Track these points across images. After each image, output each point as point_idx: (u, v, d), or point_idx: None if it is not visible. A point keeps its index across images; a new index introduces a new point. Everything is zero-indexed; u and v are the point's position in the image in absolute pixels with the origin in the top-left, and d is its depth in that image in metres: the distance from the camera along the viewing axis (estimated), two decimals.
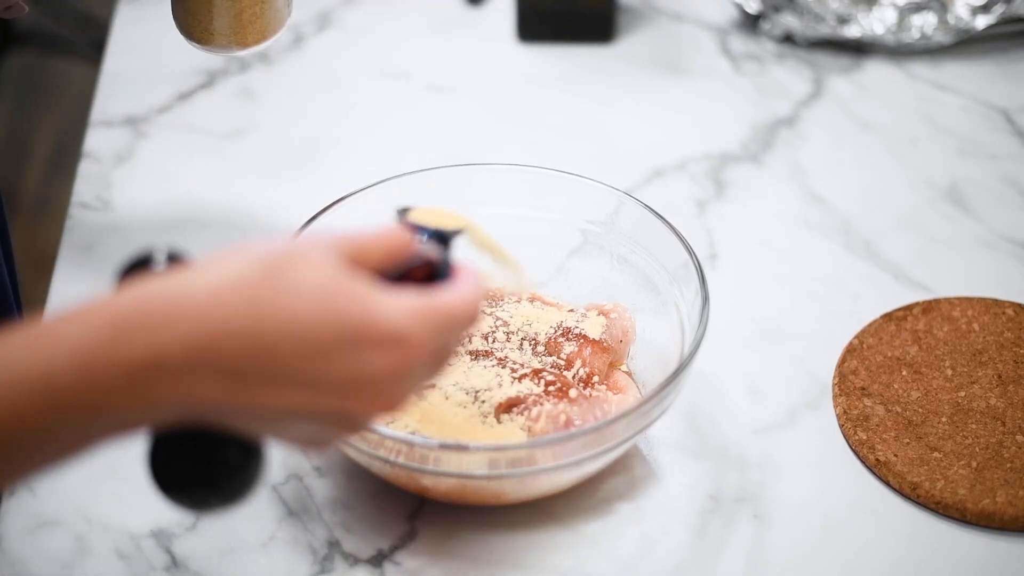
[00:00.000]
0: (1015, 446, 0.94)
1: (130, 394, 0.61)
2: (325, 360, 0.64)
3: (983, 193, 1.20)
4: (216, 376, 0.62)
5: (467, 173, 1.03)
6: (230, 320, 0.62)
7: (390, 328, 0.65)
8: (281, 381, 0.63)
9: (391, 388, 0.66)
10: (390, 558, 0.89)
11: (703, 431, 0.97)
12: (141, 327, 0.61)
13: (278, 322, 0.63)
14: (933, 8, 1.35)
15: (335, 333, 0.64)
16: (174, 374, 0.61)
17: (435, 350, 0.67)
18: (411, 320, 0.66)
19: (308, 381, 0.64)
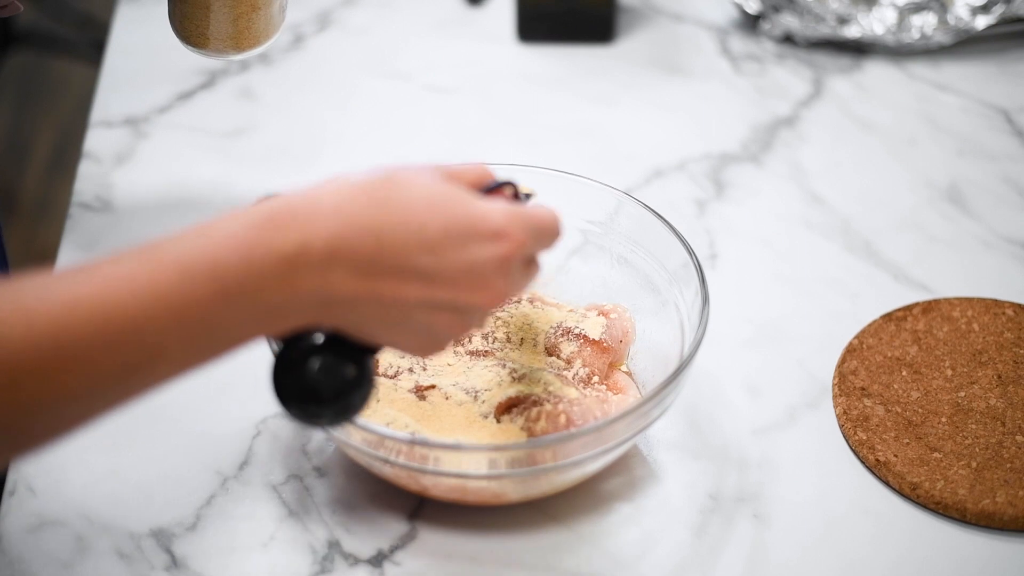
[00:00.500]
0: (1015, 446, 0.94)
1: (281, 284, 0.70)
2: (439, 255, 0.74)
3: (983, 193, 1.20)
4: (349, 270, 0.72)
5: None
6: (360, 222, 0.72)
7: (491, 223, 0.75)
8: (402, 274, 0.73)
9: (495, 279, 0.76)
10: (390, 558, 0.89)
11: (703, 431, 0.97)
12: (290, 222, 0.71)
13: (398, 222, 0.73)
14: (933, 8, 1.35)
15: (445, 229, 0.74)
16: (316, 266, 0.71)
17: (529, 251, 0.78)
18: (509, 219, 0.76)
19: (425, 273, 0.74)
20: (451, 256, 0.74)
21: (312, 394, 0.75)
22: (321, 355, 0.75)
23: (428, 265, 0.74)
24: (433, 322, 0.76)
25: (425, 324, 0.76)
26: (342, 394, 0.76)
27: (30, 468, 0.93)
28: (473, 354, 0.96)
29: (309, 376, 0.75)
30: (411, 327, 0.76)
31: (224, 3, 0.98)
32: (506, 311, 0.99)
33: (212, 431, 0.96)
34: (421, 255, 0.73)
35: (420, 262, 0.73)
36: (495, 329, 0.97)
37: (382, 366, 0.95)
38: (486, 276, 0.75)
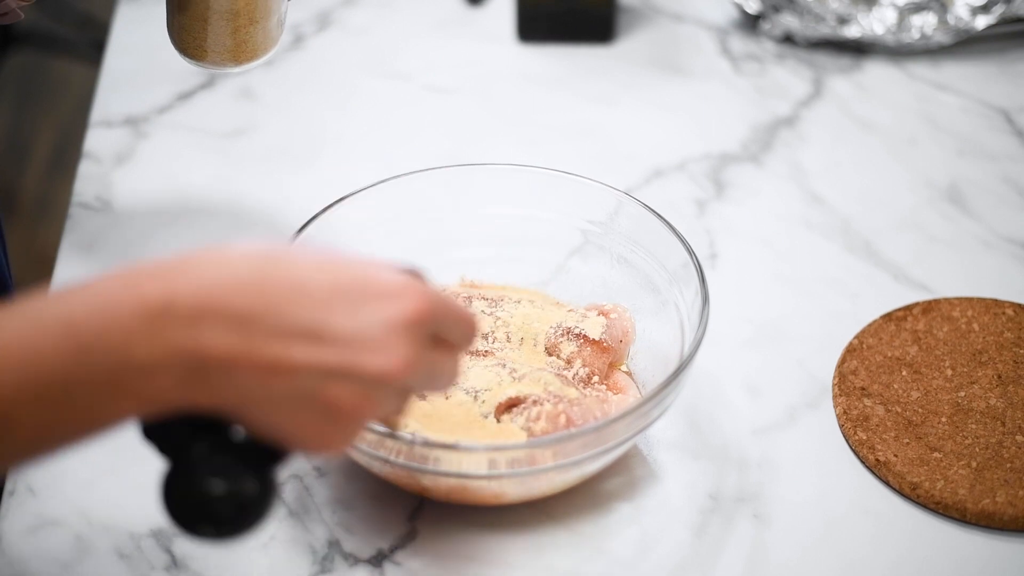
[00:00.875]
0: (1015, 446, 0.94)
1: (145, 337, 0.63)
2: (328, 311, 0.66)
3: (983, 193, 1.20)
4: (224, 324, 0.64)
5: (467, 173, 1.03)
6: (238, 274, 0.65)
7: (387, 284, 0.68)
8: (286, 331, 0.65)
9: (395, 341, 0.67)
10: (390, 558, 0.89)
11: (703, 431, 0.97)
12: (155, 274, 0.65)
13: (283, 277, 0.66)
14: (933, 8, 1.35)
15: (336, 287, 0.67)
16: (184, 318, 0.64)
17: (435, 326, 0.70)
18: (408, 284, 0.69)
19: (312, 331, 0.66)
20: (341, 313, 0.66)
21: (206, 510, 0.67)
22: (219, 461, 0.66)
23: (316, 322, 0.65)
24: (329, 395, 0.66)
25: (319, 399, 0.66)
26: (241, 510, 0.67)
27: (30, 468, 0.93)
28: (473, 354, 0.96)
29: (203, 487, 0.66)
30: (303, 403, 0.66)
31: (222, 16, 0.98)
32: (506, 311, 0.99)
33: None
34: (307, 310, 0.65)
35: (307, 318, 0.65)
36: (495, 329, 0.97)
37: None
38: (384, 337, 0.67)
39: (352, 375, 0.67)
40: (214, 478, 0.66)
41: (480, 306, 0.99)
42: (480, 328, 0.73)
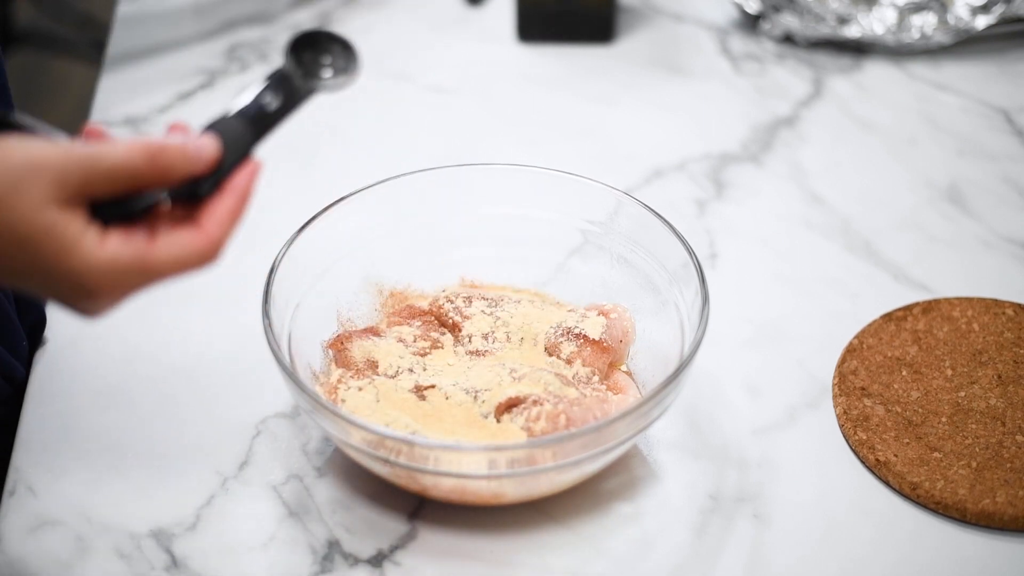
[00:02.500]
0: (1015, 446, 0.94)
1: None
2: (23, 279, 0.71)
3: (983, 193, 1.20)
4: None
5: (467, 173, 1.03)
6: None
7: (80, 280, 0.70)
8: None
9: (91, 312, 0.73)
10: (390, 558, 0.89)
11: (703, 431, 0.97)
12: None
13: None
14: (933, 8, 1.35)
15: (32, 270, 0.70)
16: None
17: (134, 288, 0.73)
18: (104, 274, 0.71)
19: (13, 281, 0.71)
20: (33, 284, 0.72)
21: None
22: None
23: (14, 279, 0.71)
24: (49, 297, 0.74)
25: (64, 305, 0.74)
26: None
27: (30, 468, 0.93)
28: (473, 354, 0.96)
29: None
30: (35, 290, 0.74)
31: None
32: (506, 311, 0.99)
33: (212, 431, 0.96)
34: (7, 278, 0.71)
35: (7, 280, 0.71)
36: (495, 329, 0.97)
37: (382, 366, 0.95)
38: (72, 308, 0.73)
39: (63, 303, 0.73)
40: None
41: (480, 306, 0.99)
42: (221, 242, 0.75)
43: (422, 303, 1.02)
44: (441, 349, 0.97)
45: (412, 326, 0.98)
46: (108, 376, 0.99)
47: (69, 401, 0.98)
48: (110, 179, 0.71)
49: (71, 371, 1.00)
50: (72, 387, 0.99)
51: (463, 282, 1.04)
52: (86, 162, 0.70)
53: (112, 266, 0.71)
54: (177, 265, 0.73)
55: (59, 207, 0.69)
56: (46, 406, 0.97)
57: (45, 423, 0.96)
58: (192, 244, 0.73)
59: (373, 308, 1.01)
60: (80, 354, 1.01)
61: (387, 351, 0.95)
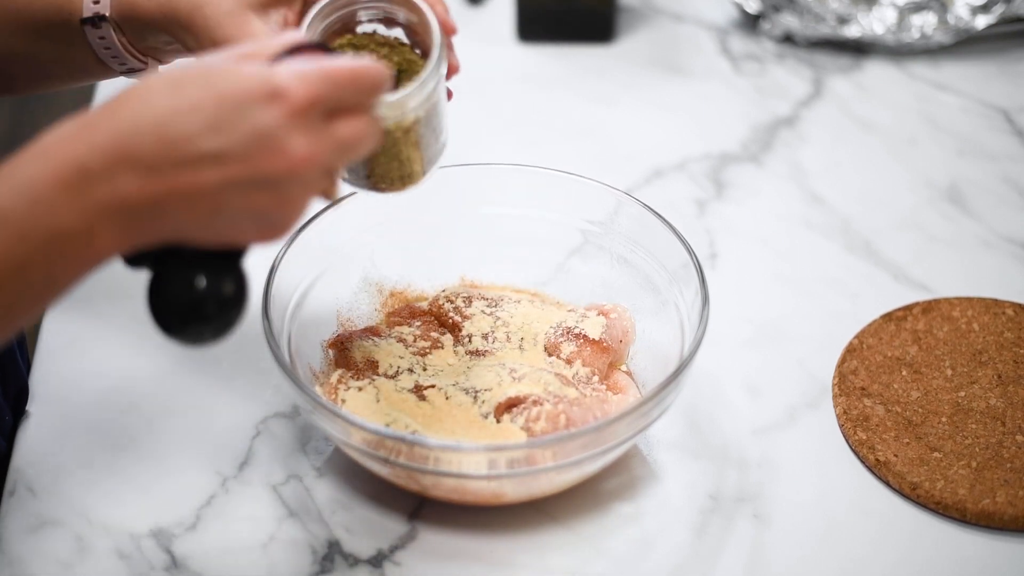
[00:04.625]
0: (1015, 446, 0.94)
1: (70, 206, 0.68)
2: (219, 131, 0.69)
3: (983, 193, 1.20)
4: (135, 171, 0.68)
5: (467, 173, 1.03)
6: (135, 120, 0.69)
7: (266, 82, 0.70)
8: (190, 162, 0.69)
9: (287, 140, 0.70)
10: (390, 558, 0.89)
11: (703, 431, 0.97)
12: (59, 146, 0.68)
13: (174, 113, 0.69)
14: (933, 8, 1.35)
15: (218, 102, 0.69)
16: (98, 176, 0.68)
17: (324, 102, 0.71)
18: (288, 76, 0.71)
19: (212, 154, 0.69)
20: (232, 129, 0.69)
21: (192, 312, 0.72)
22: (191, 270, 0.72)
23: (214, 146, 0.69)
24: (251, 204, 0.71)
25: (244, 209, 0.71)
26: (222, 305, 0.73)
27: (30, 468, 0.93)
28: (473, 354, 0.96)
29: (185, 294, 0.72)
30: (232, 216, 0.71)
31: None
32: (506, 311, 0.99)
33: (212, 431, 0.96)
34: (203, 137, 0.69)
35: (205, 145, 0.69)
36: (495, 329, 0.97)
37: (382, 366, 0.95)
38: (276, 139, 0.70)
39: (262, 181, 0.70)
40: (196, 277, 0.72)
41: (480, 306, 0.99)
42: (381, 72, 0.74)
43: (422, 303, 1.02)
44: (441, 349, 0.97)
45: (412, 326, 0.98)
46: (108, 376, 0.99)
47: (69, 401, 0.98)
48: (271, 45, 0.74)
49: (71, 371, 1.00)
50: (72, 387, 0.99)
51: (463, 282, 1.04)
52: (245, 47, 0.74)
53: (287, 69, 0.71)
54: (356, 68, 0.73)
55: (233, 59, 0.73)
56: (46, 406, 0.97)
57: (45, 423, 0.96)
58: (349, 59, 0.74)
59: (373, 308, 1.01)
60: (80, 354, 1.01)
61: (387, 351, 0.95)
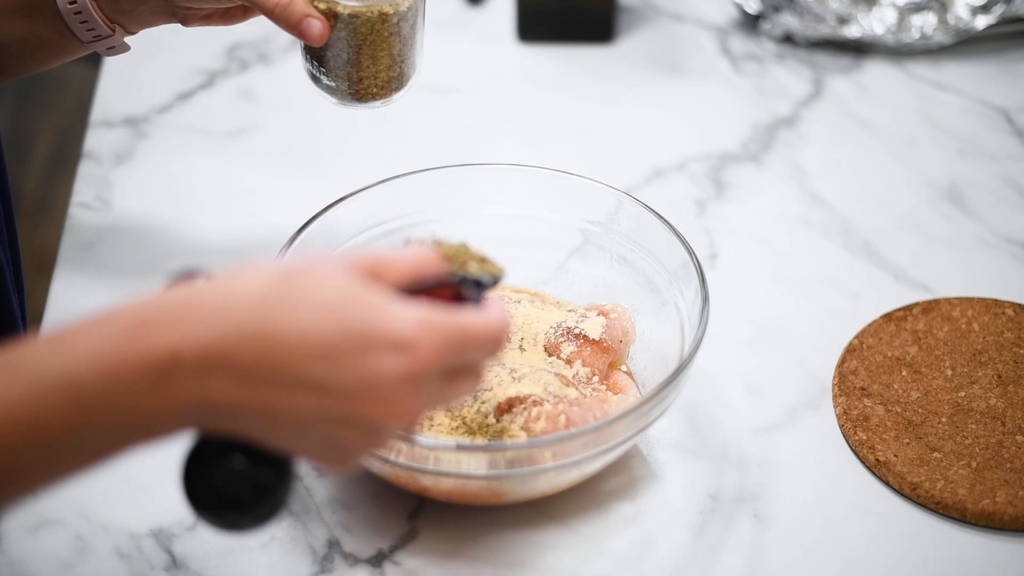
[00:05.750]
0: (1015, 446, 0.94)
1: (151, 393, 0.63)
2: (333, 364, 0.65)
3: (983, 193, 1.20)
4: (230, 377, 0.64)
5: (467, 173, 1.03)
6: (243, 324, 0.64)
7: (397, 333, 0.66)
8: (291, 383, 0.65)
9: (400, 395, 0.66)
10: (390, 558, 0.89)
11: (703, 431, 0.97)
12: (159, 327, 0.64)
13: (288, 327, 0.64)
14: (933, 8, 1.35)
15: (342, 337, 0.65)
16: (191, 372, 0.63)
17: (447, 364, 0.68)
18: (420, 328, 0.66)
19: (317, 384, 0.65)
20: (346, 367, 0.65)
21: (229, 500, 0.67)
22: (235, 456, 0.67)
23: (320, 375, 0.65)
24: (335, 437, 0.67)
25: (327, 439, 0.67)
26: (263, 497, 0.68)
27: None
28: None
29: (224, 481, 0.67)
30: (311, 441, 0.67)
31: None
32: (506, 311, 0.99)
33: None
34: (312, 363, 0.65)
35: (311, 371, 0.65)
36: None
37: None
38: (388, 391, 0.66)
39: (358, 423, 0.67)
40: (234, 464, 0.67)
41: None
42: (508, 330, 0.71)
43: None
44: None
45: None
46: None
47: None
48: (399, 262, 0.70)
49: None
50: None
51: None
52: (372, 251, 0.70)
53: (421, 319, 0.67)
54: (488, 330, 0.69)
55: (360, 279, 0.67)
56: None
57: None
58: (492, 312, 0.70)
59: None
60: None
61: None
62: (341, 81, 0.94)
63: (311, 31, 0.92)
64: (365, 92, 0.95)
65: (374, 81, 0.94)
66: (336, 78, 0.94)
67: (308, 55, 0.95)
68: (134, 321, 0.64)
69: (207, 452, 0.67)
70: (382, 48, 0.92)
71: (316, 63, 0.95)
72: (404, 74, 0.95)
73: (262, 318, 0.64)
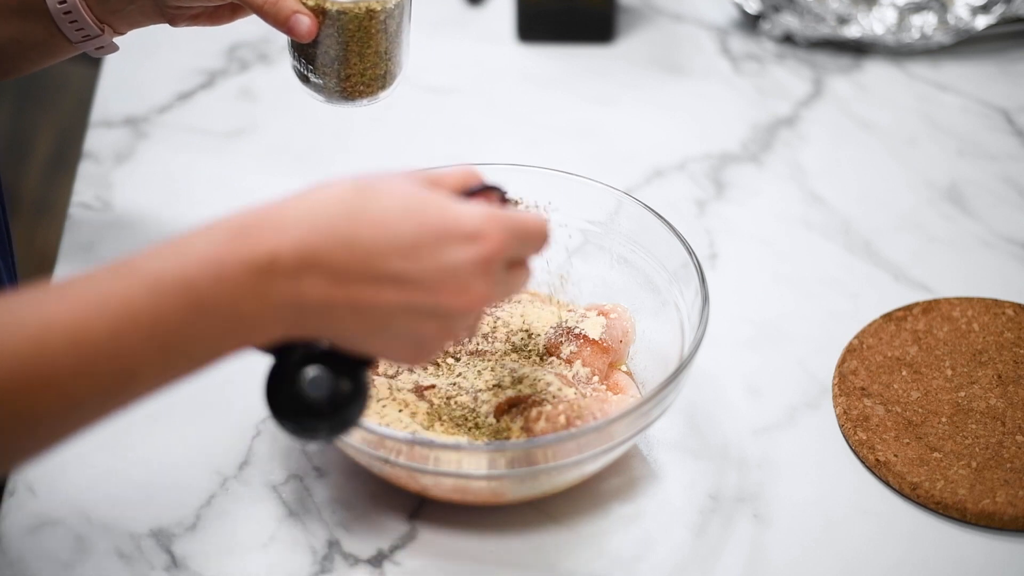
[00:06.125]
0: (1015, 446, 0.94)
1: (254, 294, 0.70)
2: (414, 258, 0.72)
3: (983, 193, 1.20)
4: (322, 276, 0.71)
5: None
6: (332, 226, 0.71)
7: (467, 224, 0.74)
8: (376, 279, 0.72)
9: (474, 281, 0.74)
10: (390, 558, 0.89)
11: (703, 431, 0.97)
12: (258, 232, 0.70)
13: (371, 229, 0.72)
14: (933, 8, 1.35)
15: (419, 232, 0.73)
16: (288, 273, 0.70)
17: (512, 253, 0.76)
18: (487, 220, 0.74)
19: (400, 278, 0.72)
20: (426, 259, 0.73)
21: (308, 408, 0.75)
22: (316, 367, 0.74)
23: (403, 270, 0.72)
24: (416, 329, 0.74)
25: (408, 331, 0.74)
26: (339, 407, 0.75)
27: (30, 468, 0.92)
28: (473, 354, 0.96)
29: (304, 389, 0.74)
30: (394, 334, 0.74)
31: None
32: (506, 311, 0.99)
33: (212, 431, 0.96)
34: (395, 260, 0.72)
35: (395, 267, 0.72)
36: (495, 329, 0.97)
37: (382, 366, 0.95)
38: (464, 279, 0.74)
39: (437, 313, 0.74)
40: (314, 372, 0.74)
41: None
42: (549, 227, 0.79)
43: None
44: None
45: None
46: None
47: None
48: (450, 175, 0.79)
49: None
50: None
51: None
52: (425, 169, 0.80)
53: (487, 212, 0.75)
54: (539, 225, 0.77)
55: (425, 186, 0.76)
56: None
57: None
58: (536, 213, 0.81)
59: None
60: None
61: None
62: (329, 79, 0.96)
63: (300, 27, 0.94)
64: (352, 90, 0.97)
65: (361, 79, 0.96)
66: (324, 75, 0.96)
67: (296, 53, 0.97)
68: (237, 227, 0.70)
69: (291, 362, 0.74)
70: (369, 45, 0.94)
71: (304, 61, 0.96)
72: (390, 72, 0.97)
73: (347, 223, 0.71)
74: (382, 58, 0.96)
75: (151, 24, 0.99)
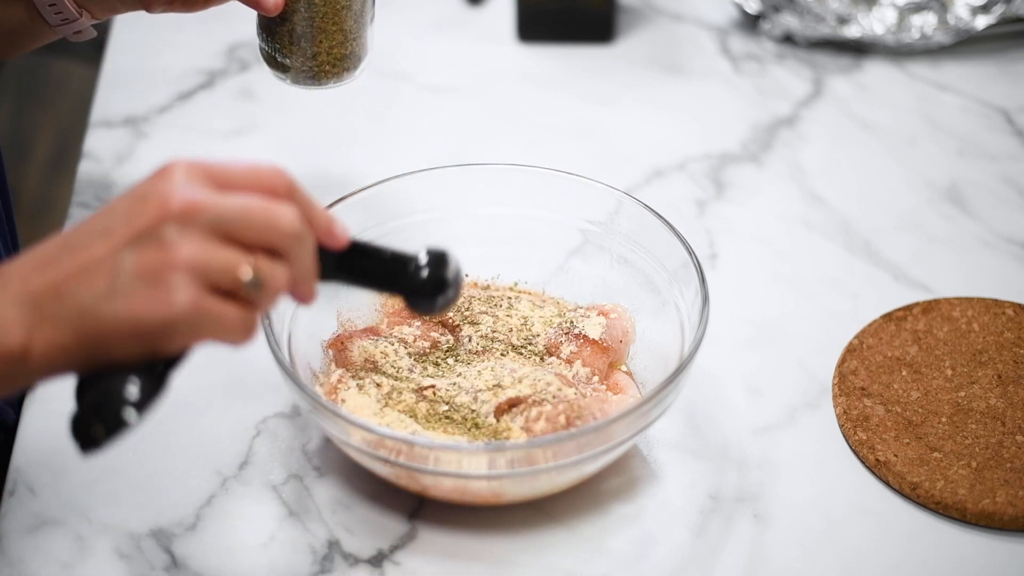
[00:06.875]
0: (1015, 446, 0.94)
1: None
2: (108, 210, 0.74)
3: (983, 193, 1.20)
4: (38, 269, 0.73)
5: (467, 173, 1.03)
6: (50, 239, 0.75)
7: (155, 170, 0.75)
8: (81, 245, 0.73)
9: (158, 186, 0.74)
10: (390, 558, 0.89)
11: (703, 431, 0.97)
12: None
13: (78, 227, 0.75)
14: (933, 8, 1.35)
15: (114, 201, 0.75)
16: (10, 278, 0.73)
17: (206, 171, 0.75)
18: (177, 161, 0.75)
19: (99, 231, 0.73)
20: (118, 204, 0.74)
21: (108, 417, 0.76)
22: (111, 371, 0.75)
23: (102, 224, 0.74)
24: (141, 263, 0.72)
25: (135, 270, 0.73)
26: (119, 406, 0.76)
27: (30, 468, 0.93)
28: (473, 354, 0.96)
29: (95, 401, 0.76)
30: (127, 283, 0.73)
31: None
32: (506, 311, 0.99)
33: (212, 431, 0.96)
34: (95, 221, 0.74)
35: (95, 226, 0.74)
36: (495, 329, 0.97)
37: (382, 366, 0.95)
38: (151, 193, 0.74)
39: (144, 236, 0.73)
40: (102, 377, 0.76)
41: (480, 306, 0.99)
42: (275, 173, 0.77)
43: None
44: (441, 349, 0.97)
45: (412, 326, 0.98)
46: None
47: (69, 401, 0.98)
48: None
49: None
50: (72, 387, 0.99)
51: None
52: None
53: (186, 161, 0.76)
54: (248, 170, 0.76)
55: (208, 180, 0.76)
56: (46, 406, 0.97)
57: (45, 423, 0.96)
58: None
59: (373, 308, 1.01)
60: None
61: (387, 351, 0.95)
62: (295, 57, 1.00)
63: (267, 0, 0.97)
64: (319, 70, 1.01)
65: (328, 57, 0.99)
66: (291, 54, 1.00)
67: (264, 33, 1.01)
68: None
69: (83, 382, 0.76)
70: (335, 22, 0.98)
71: (271, 40, 1.00)
72: (355, 53, 1.01)
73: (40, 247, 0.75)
74: (347, 37, 0.99)
75: (128, 10, 1.01)
